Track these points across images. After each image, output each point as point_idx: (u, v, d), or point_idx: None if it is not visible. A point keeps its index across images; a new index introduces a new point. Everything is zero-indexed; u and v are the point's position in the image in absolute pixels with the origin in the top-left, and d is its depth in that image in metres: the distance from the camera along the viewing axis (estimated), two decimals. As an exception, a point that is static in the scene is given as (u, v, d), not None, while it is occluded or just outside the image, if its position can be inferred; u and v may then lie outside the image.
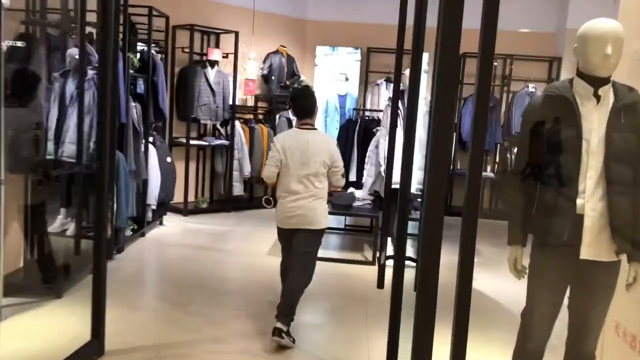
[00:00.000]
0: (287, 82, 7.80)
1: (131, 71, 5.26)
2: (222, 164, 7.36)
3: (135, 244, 5.53)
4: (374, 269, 5.05)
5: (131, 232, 5.52)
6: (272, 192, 3.80)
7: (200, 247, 5.66)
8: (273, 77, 7.71)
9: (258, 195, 8.08)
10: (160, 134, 6.36)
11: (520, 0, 7.85)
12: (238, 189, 7.33)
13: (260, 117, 7.76)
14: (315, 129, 3.53)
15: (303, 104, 3.48)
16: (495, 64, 8.32)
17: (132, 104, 5.27)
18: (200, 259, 5.22)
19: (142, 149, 5.52)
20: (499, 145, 8.20)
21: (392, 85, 7.79)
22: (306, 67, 8.30)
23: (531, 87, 7.81)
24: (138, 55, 5.54)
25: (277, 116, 7.69)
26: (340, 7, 8.30)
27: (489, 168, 8.46)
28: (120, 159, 4.78)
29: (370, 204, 5.60)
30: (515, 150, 2.78)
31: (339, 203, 5.44)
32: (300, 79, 8.01)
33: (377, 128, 5.88)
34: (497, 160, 8.41)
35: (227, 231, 6.41)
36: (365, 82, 8.08)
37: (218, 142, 7.20)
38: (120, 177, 4.75)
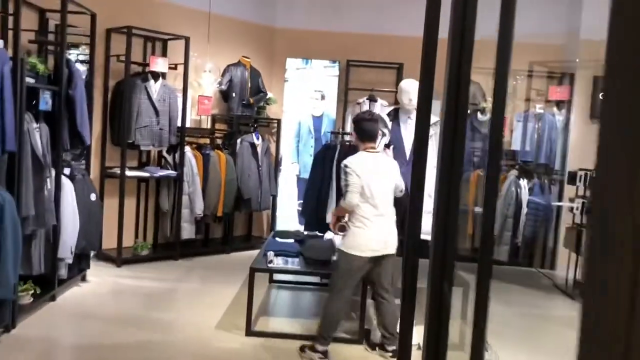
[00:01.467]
0: (251, 100, 6.76)
1: (31, 80, 3.98)
2: (169, 200, 6.13)
3: (38, 314, 4.17)
4: (360, 350, 3.84)
5: (31, 299, 4.16)
6: (334, 220, 3.71)
7: (130, 317, 4.33)
8: (234, 94, 6.69)
9: (215, 236, 6.83)
10: (83, 163, 5.05)
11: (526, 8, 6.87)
12: (188, 232, 6.11)
13: (218, 141, 6.74)
14: (378, 151, 3.69)
15: (371, 128, 3.61)
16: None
17: (34, 125, 3.99)
18: (126, 339, 3.89)
19: (49, 185, 4.21)
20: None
21: (376, 104, 6.85)
22: (274, 83, 7.31)
23: (539, 108, 6.79)
24: (47, 61, 4.26)
25: (239, 140, 6.65)
26: (314, 13, 7.27)
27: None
28: (5, 202, 3.46)
29: (355, 257, 4.37)
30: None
31: (312, 257, 4.21)
32: (267, 97, 7.00)
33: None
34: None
35: (169, 290, 5.09)
36: (344, 101, 7.11)
37: (163, 172, 6.00)
38: (3, 229, 3.42)
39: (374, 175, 3.53)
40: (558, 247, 6.64)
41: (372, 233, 3.51)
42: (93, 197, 4.92)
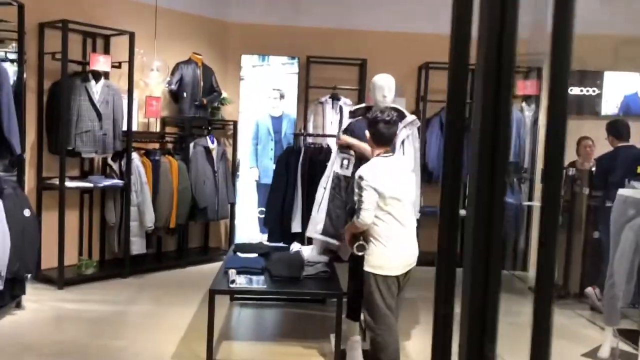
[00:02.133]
0: (204, 101, 6.37)
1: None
2: (116, 213, 5.65)
3: (-38, 353, 3.64)
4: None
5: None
6: (350, 238, 3.29)
7: (74, 348, 3.85)
8: (185, 94, 6.29)
9: (168, 250, 6.39)
10: (14, 175, 4.52)
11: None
12: (138, 246, 5.66)
13: (169, 146, 6.32)
14: (393, 155, 3.41)
15: (389, 132, 3.31)
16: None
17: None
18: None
19: (-29, 202, 3.68)
20: (469, 177, 6.94)
21: (339, 103, 6.57)
22: (229, 81, 6.91)
23: (525, 106, 6.64)
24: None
25: (192, 145, 6.24)
26: (271, 6, 6.93)
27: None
28: None
29: (326, 271, 4.03)
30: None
31: (279, 274, 3.84)
32: (222, 97, 6.64)
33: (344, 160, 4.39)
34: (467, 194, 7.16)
35: (119, 313, 4.62)
36: (305, 100, 6.80)
37: (108, 182, 5.53)
38: None
39: (393, 183, 3.21)
40: (530, 248, 6.50)
41: (398, 250, 3.21)
42: (27, 212, 4.39)
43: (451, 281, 1.38)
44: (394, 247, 3.19)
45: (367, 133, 3.35)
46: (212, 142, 6.31)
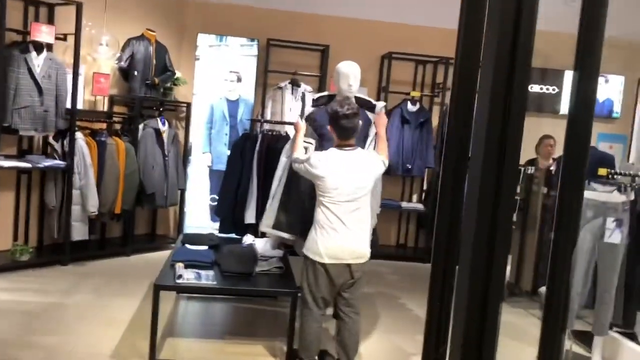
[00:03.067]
0: (156, 80, 6.11)
1: None
2: (56, 196, 5.34)
3: None
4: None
5: None
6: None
7: (4, 343, 3.55)
8: (136, 72, 6.01)
9: (112, 236, 6.15)
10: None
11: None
12: (80, 232, 5.39)
13: (117, 127, 6.05)
14: (354, 148, 3.36)
15: (351, 125, 3.29)
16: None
17: None
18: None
19: None
20: (428, 170, 6.94)
21: (299, 90, 6.41)
22: (183, 61, 6.66)
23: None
24: None
25: (142, 126, 6.00)
26: (230, -16, 6.61)
27: (414, 197, 7.23)
28: None
29: (280, 266, 3.87)
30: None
31: (230, 270, 3.66)
32: (175, 77, 6.38)
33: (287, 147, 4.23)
34: (425, 188, 7.17)
35: (56, 305, 4.32)
36: (263, 85, 6.61)
37: (49, 163, 5.21)
38: None
39: (343, 177, 3.24)
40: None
41: (330, 240, 3.23)
42: (-46, 194, 4.03)
43: (449, 281, 1.30)
44: (326, 236, 3.22)
45: (331, 128, 3.33)
46: (163, 124, 6.06)
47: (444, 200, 1.22)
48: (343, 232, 3.21)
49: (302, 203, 3.73)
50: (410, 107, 6.72)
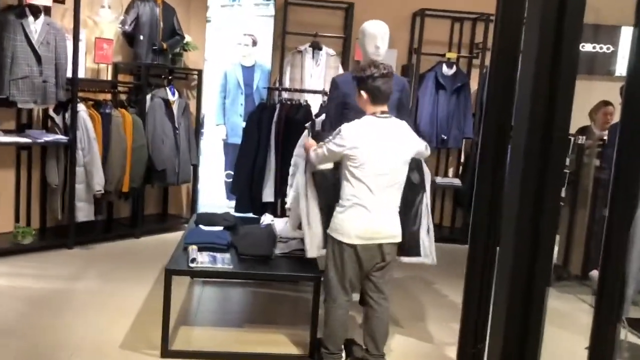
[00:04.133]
0: (164, 45, 6.14)
1: None
2: (59, 173, 5.46)
3: None
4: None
5: None
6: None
7: (3, 332, 3.65)
8: (142, 37, 6.04)
9: (120, 217, 6.31)
10: None
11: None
12: (85, 212, 5.52)
13: (122, 98, 6.13)
14: (390, 116, 3.31)
15: (387, 86, 3.24)
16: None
17: None
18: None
19: None
20: (466, 141, 6.90)
21: (321, 53, 6.41)
22: (193, 24, 6.67)
23: None
24: None
25: (149, 96, 6.06)
26: (243, -64, 6.56)
27: (450, 172, 7.20)
28: None
29: (302, 249, 3.87)
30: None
31: (247, 252, 3.71)
32: (185, 41, 6.41)
33: (319, 119, 4.28)
34: (463, 161, 7.14)
35: (60, 292, 4.42)
36: (281, 49, 6.62)
37: (50, 137, 5.32)
38: None
39: (379, 147, 3.17)
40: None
41: (360, 217, 3.19)
42: (-50, 172, 4.13)
43: (488, 264, 1.29)
44: (356, 214, 3.19)
45: (361, 93, 3.24)
46: (173, 94, 6.11)
47: (484, 174, 1.21)
48: (376, 210, 3.18)
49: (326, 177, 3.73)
50: (446, 70, 6.64)
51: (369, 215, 3.17)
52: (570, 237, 5.33)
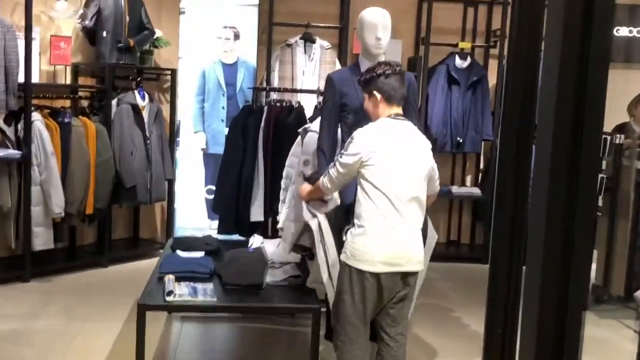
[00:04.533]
0: (131, 42, 6.18)
1: None
2: (11, 194, 5.52)
3: None
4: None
5: None
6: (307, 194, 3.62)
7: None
8: (105, 33, 6.13)
9: (84, 243, 6.36)
10: None
11: None
12: (43, 239, 5.61)
13: (84, 104, 6.25)
14: (405, 119, 3.39)
15: (399, 85, 3.32)
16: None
17: None
18: None
19: None
20: (485, 144, 6.94)
21: (314, 47, 6.47)
22: (164, 16, 6.78)
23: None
24: None
25: (115, 102, 6.13)
26: None
27: (468, 180, 7.24)
28: None
29: (298, 275, 3.91)
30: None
31: (234, 281, 3.74)
32: (155, 37, 6.48)
33: (307, 126, 4.31)
34: (482, 168, 7.17)
35: (13, 333, 4.45)
36: (268, 42, 6.66)
37: (1, 153, 5.36)
38: None
39: (401, 155, 3.19)
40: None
41: (385, 239, 3.16)
42: None
43: (514, 287, 1.29)
44: (378, 235, 3.15)
45: (374, 93, 3.26)
46: (143, 98, 6.18)
47: (504, 181, 1.22)
48: (402, 230, 3.16)
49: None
50: (459, 62, 6.69)
51: (395, 236, 3.15)
52: (610, 253, 5.36)
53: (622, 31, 6.79)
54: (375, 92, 3.25)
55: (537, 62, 1.23)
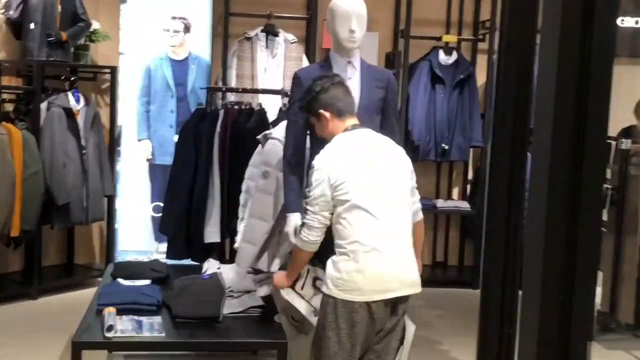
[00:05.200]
0: (64, 36, 6.20)
1: None
2: None
3: None
4: None
5: None
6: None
7: None
8: (32, 25, 6.14)
9: (10, 271, 6.36)
10: None
11: None
12: None
13: (8, 108, 6.16)
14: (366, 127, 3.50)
15: (343, 95, 3.43)
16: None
17: None
18: None
19: None
20: (474, 151, 7.01)
21: (277, 40, 6.50)
22: (102, 5, 6.84)
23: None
24: None
25: (45, 105, 6.13)
26: None
27: (455, 193, 7.31)
28: None
29: (260, 306, 3.92)
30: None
31: (185, 314, 3.74)
32: (92, 29, 6.49)
33: (268, 133, 4.31)
34: (472, 178, 7.23)
35: None
36: (224, 36, 6.72)
37: None
38: None
39: (370, 165, 3.23)
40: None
41: (375, 262, 3.15)
42: None
43: (508, 315, 1.30)
44: (364, 260, 3.14)
45: (321, 113, 3.33)
46: (77, 101, 6.17)
47: (497, 194, 1.23)
48: (389, 251, 3.18)
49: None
50: (444, 58, 6.76)
51: (382, 257, 3.16)
52: (617, 275, 5.41)
53: (627, 21, 6.90)
54: (322, 111, 3.31)
55: (532, 58, 1.24)
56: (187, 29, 6.66)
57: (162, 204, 5.58)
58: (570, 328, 1.18)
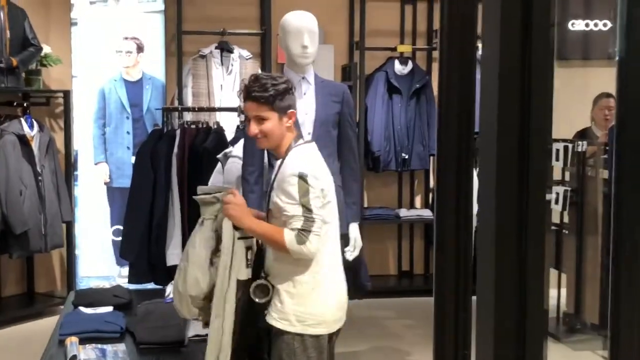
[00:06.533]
0: (14, 62, 6.13)
1: None
2: None
3: None
4: None
5: None
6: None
7: None
8: None
9: None
10: None
11: None
12: None
13: None
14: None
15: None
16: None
17: None
18: None
19: None
20: (434, 159, 7.01)
21: (232, 57, 6.53)
22: (53, 29, 6.76)
23: None
24: None
25: None
26: None
27: (418, 201, 7.34)
28: None
29: (225, 325, 3.88)
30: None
31: (149, 340, 3.71)
32: (43, 53, 6.45)
33: (227, 151, 4.32)
34: (433, 186, 7.26)
35: None
36: (178, 54, 6.72)
37: None
38: None
39: (331, 183, 3.15)
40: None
41: (339, 288, 3.11)
42: None
43: (462, 320, 1.31)
44: (331, 286, 3.05)
45: (292, 113, 3.09)
46: (31, 127, 6.10)
47: (445, 201, 1.24)
48: (342, 274, 3.15)
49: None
50: (399, 68, 6.80)
51: (343, 283, 3.13)
52: (581, 275, 5.46)
53: (578, 25, 6.99)
54: (292, 112, 3.10)
55: (473, 62, 1.27)
56: (140, 49, 6.71)
57: (122, 227, 5.57)
58: (525, 330, 1.20)
